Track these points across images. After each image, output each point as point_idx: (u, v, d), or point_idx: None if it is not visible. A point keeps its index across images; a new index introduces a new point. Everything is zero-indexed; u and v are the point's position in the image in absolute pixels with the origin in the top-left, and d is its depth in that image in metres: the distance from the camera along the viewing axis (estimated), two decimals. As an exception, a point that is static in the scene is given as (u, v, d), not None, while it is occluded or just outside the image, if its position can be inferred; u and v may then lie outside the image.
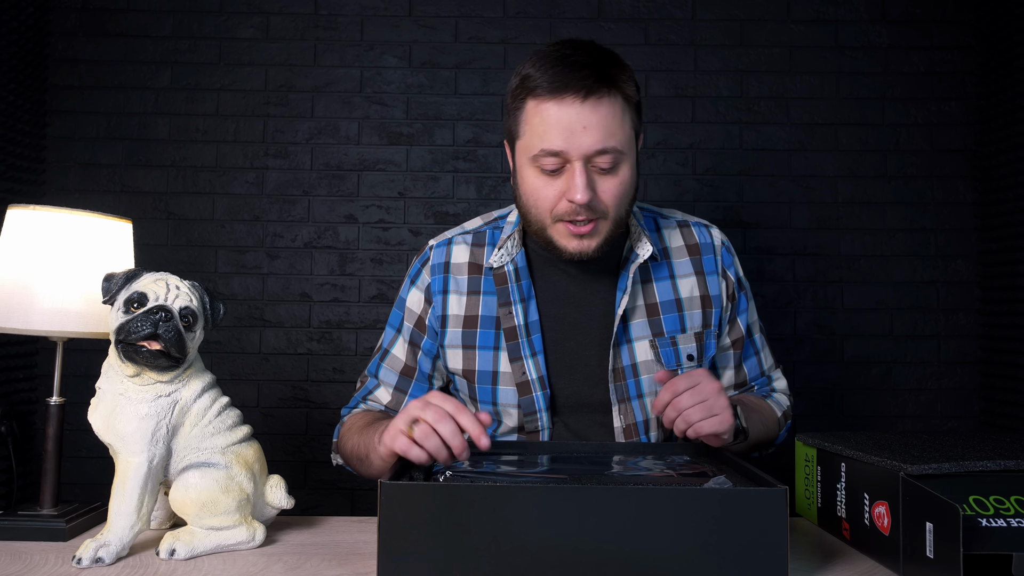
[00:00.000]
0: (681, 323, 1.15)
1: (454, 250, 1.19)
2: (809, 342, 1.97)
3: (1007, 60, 1.85)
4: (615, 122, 1.01)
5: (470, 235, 1.20)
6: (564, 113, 0.99)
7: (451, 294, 1.16)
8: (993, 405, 1.90)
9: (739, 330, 1.21)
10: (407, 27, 2.00)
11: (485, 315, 1.14)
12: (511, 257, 1.14)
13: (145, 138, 1.97)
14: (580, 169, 1.00)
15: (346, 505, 1.94)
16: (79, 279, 1.05)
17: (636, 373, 1.12)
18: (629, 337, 1.13)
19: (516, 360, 1.12)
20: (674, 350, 1.14)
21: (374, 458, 1.00)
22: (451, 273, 1.17)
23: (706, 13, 1.99)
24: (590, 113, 0.99)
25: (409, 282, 1.21)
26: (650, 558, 0.72)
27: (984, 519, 0.74)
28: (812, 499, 1.02)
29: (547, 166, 1.02)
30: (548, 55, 1.03)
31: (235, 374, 1.95)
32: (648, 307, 1.14)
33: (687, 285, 1.17)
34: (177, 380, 0.91)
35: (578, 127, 0.99)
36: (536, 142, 1.02)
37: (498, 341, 1.13)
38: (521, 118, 1.04)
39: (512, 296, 1.13)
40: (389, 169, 1.99)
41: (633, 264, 1.12)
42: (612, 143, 1.00)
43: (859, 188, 1.98)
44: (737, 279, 1.21)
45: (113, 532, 0.85)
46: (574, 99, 0.99)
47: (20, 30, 1.80)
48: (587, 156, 1.00)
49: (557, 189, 1.03)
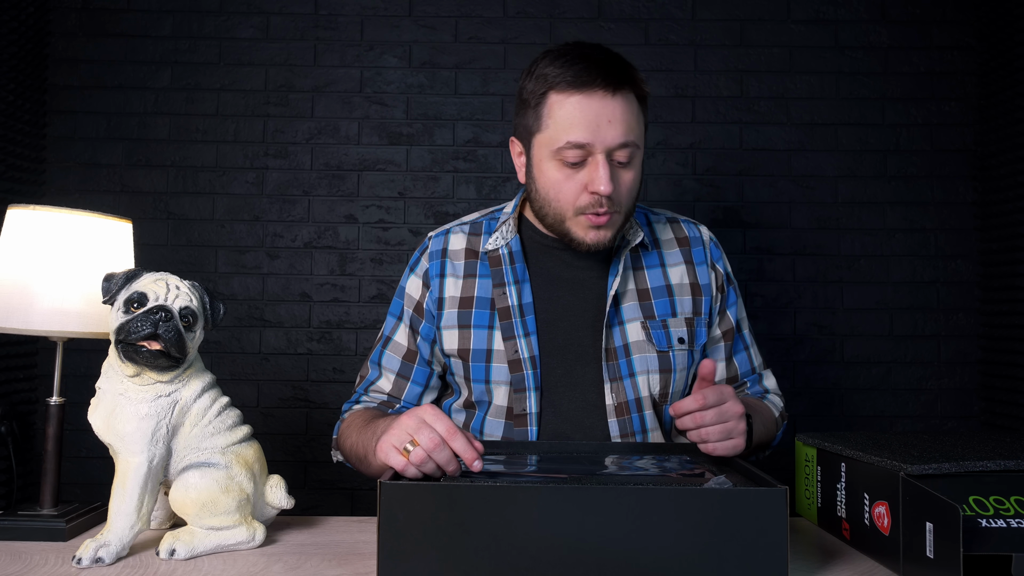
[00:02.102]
0: (672, 307, 1.18)
1: (452, 239, 1.23)
2: (809, 342, 1.97)
3: (1007, 60, 1.85)
4: (634, 117, 1.06)
5: (467, 225, 1.25)
6: (591, 106, 1.03)
7: (448, 277, 1.20)
8: (993, 405, 1.90)
9: (729, 322, 1.24)
10: (407, 27, 2.00)
11: (480, 296, 1.18)
12: (506, 241, 1.19)
13: (145, 138, 1.97)
14: (603, 161, 1.04)
15: (346, 505, 1.94)
16: (79, 279, 1.05)
17: (628, 353, 1.15)
18: (621, 319, 1.16)
19: (509, 339, 1.14)
20: (665, 332, 1.16)
21: (371, 459, 1.02)
22: (448, 258, 1.22)
23: (706, 13, 1.99)
24: (615, 107, 1.03)
25: (408, 270, 1.25)
26: (650, 558, 0.72)
27: (984, 519, 0.74)
28: (812, 499, 1.02)
29: (570, 158, 1.05)
30: (566, 53, 1.06)
31: (235, 374, 1.95)
32: (639, 291, 1.18)
33: (677, 273, 1.21)
34: (177, 380, 0.91)
35: (604, 120, 1.03)
36: (561, 134, 1.04)
37: (492, 320, 1.16)
38: (543, 112, 1.07)
39: (506, 278, 1.17)
40: (389, 169, 1.99)
41: (625, 248, 1.17)
42: (632, 137, 1.05)
43: (859, 188, 1.98)
44: (726, 273, 1.25)
45: (113, 532, 0.85)
46: (604, 93, 1.03)
47: (20, 30, 1.80)
48: (610, 149, 1.04)
49: (579, 182, 1.06)
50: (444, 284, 1.20)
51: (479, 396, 1.16)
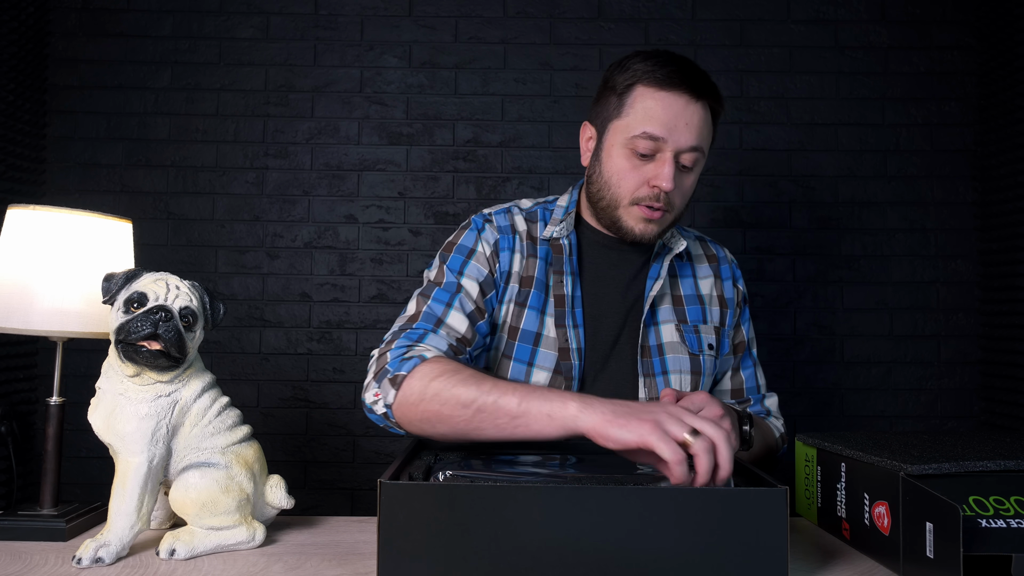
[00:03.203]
0: (703, 315, 1.25)
1: (516, 219, 1.24)
2: (809, 342, 1.97)
3: (1007, 60, 1.85)
4: (706, 128, 1.12)
5: (524, 212, 1.26)
6: (673, 105, 1.09)
7: (516, 252, 1.21)
8: (993, 405, 1.90)
9: (742, 336, 1.30)
10: (407, 27, 2.00)
11: (539, 278, 1.19)
12: (567, 232, 1.22)
13: (145, 138, 1.97)
14: (671, 159, 1.10)
15: (346, 505, 1.94)
16: (79, 279, 1.05)
17: (662, 352, 1.19)
18: (657, 320, 1.21)
19: (561, 327, 1.17)
20: (696, 337, 1.22)
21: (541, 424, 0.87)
22: (516, 234, 1.22)
23: (706, 13, 1.99)
24: (694, 112, 1.09)
25: (473, 231, 1.20)
26: (650, 558, 0.72)
27: (984, 520, 0.74)
28: (812, 499, 1.02)
29: (641, 149, 1.10)
30: (660, 55, 1.12)
31: (235, 374, 1.95)
32: (674, 297, 1.24)
33: (707, 285, 1.28)
34: (177, 380, 0.91)
35: (682, 121, 1.09)
36: (638, 125, 1.10)
37: (546, 306, 1.18)
38: (627, 100, 1.12)
39: (565, 267, 1.20)
40: (389, 169, 1.99)
41: (668, 255, 1.23)
42: (702, 143, 1.11)
43: (859, 188, 1.98)
44: (744, 294, 1.32)
45: (113, 532, 0.85)
46: (688, 97, 1.09)
47: (20, 30, 1.80)
48: (680, 150, 1.10)
49: (643, 174, 1.12)
50: (512, 259, 1.19)
51: (515, 376, 1.15)
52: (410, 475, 0.87)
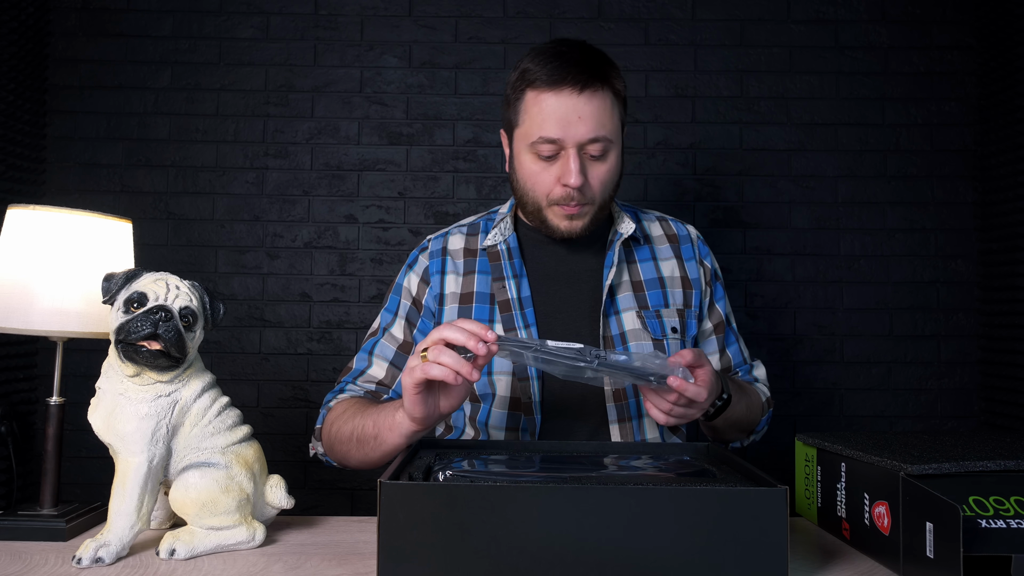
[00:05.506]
0: (664, 299, 1.23)
1: (451, 239, 1.28)
2: (809, 342, 1.97)
3: (1007, 60, 1.85)
4: (606, 114, 1.10)
5: (465, 227, 1.30)
6: (561, 104, 1.08)
7: (448, 274, 1.24)
8: (993, 405, 1.90)
9: (719, 315, 1.29)
10: (407, 27, 2.00)
11: (480, 291, 1.21)
12: (504, 237, 1.23)
13: (145, 138, 1.97)
14: (574, 155, 1.09)
15: (346, 505, 1.94)
16: (79, 279, 1.05)
17: (624, 341, 1.19)
18: (617, 308, 1.20)
19: (511, 330, 1.17)
20: (659, 322, 1.21)
21: (387, 436, 1.00)
22: (448, 256, 1.25)
23: (706, 13, 1.99)
24: (584, 105, 1.08)
25: (406, 268, 1.28)
26: (650, 558, 0.72)
27: (984, 520, 0.74)
28: (812, 499, 1.02)
29: (543, 152, 1.11)
30: (546, 51, 1.12)
31: (235, 374, 1.95)
32: (633, 283, 1.23)
33: (668, 266, 1.26)
34: (177, 380, 0.91)
35: (573, 117, 1.08)
36: (535, 130, 1.10)
37: (493, 314, 1.19)
38: (520, 108, 1.13)
39: (505, 272, 1.20)
40: (389, 169, 1.99)
41: (618, 240, 1.22)
42: (603, 132, 1.10)
43: (859, 188, 1.98)
44: (714, 269, 1.31)
45: (113, 532, 0.85)
46: (571, 91, 1.08)
47: (20, 30, 1.80)
48: (580, 144, 1.09)
49: (552, 174, 1.13)
50: (444, 281, 1.23)
51: (482, 389, 1.17)
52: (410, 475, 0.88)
